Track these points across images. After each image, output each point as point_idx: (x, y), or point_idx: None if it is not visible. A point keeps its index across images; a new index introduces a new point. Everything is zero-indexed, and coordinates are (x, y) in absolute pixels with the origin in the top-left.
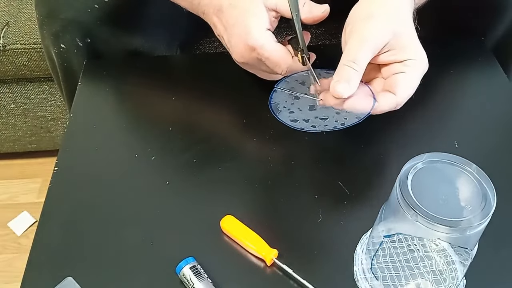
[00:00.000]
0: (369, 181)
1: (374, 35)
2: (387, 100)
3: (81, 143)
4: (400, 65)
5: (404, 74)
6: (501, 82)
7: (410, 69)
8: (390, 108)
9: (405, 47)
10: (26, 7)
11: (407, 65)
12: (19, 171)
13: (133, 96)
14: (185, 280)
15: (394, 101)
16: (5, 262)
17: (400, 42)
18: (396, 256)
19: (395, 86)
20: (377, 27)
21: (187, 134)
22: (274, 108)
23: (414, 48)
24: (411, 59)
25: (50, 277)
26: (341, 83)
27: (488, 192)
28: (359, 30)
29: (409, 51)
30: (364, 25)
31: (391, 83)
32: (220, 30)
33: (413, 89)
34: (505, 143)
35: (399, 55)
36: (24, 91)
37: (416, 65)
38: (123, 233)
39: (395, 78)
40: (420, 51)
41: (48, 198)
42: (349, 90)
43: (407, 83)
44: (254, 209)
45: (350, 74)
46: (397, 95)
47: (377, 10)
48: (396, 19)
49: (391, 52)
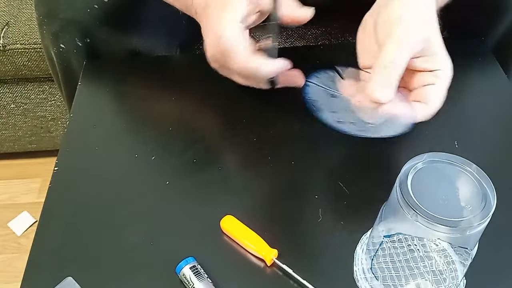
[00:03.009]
0: (369, 181)
1: (413, 41)
2: (422, 110)
3: (81, 143)
4: (430, 75)
5: (434, 86)
6: (501, 82)
7: (439, 81)
8: (423, 118)
9: (436, 54)
10: (26, 7)
11: (437, 76)
12: (19, 171)
13: (133, 96)
14: (185, 280)
15: (428, 112)
16: (5, 262)
17: (432, 49)
18: (396, 256)
19: (427, 97)
20: (413, 30)
21: (187, 134)
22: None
23: (443, 57)
24: (441, 69)
25: (50, 277)
26: (381, 88)
27: (488, 192)
28: (398, 33)
29: (439, 60)
30: (401, 26)
31: (423, 94)
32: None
33: (442, 100)
34: (505, 143)
35: (430, 63)
36: (24, 91)
37: (445, 76)
38: (123, 233)
39: (427, 89)
40: (447, 60)
41: (48, 198)
42: (389, 95)
43: (437, 94)
44: (254, 209)
45: (390, 77)
46: (429, 105)
47: (410, 11)
48: (428, 23)
49: (424, 59)
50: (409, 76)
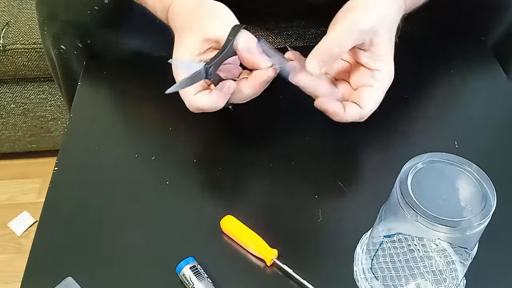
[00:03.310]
0: (369, 181)
1: (362, 25)
2: (353, 111)
3: (81, 143)
4: (369, 77)
5: (371, 88)
6: (501, 82)
7: (377, 84)
8: (354, 119)
9: (381, 55)
10: (26, 7)
11: (375, 77)
12: (19, 171)
13: (133, 96)
14: (185, 280)
15: (359, 114)
16: (5, 262)
17: (379, 48)
18: (396, 256)
19: (361, 98)
20: (368, 18)
21: (187, 134)
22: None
23: (387, 60)
24: (381, 70)
25: (50, 277)
26: (315, 60)
27: (488, 192)
28: (350, 15)
29: (382, 62)
30: (355, 14)
31: (358, 95)
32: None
33: (377, 103)
34: (505, 143)
35: (372, 61)
36: (24, 91)
37: (384, 78)
38: (123, 233)
39: (362, 91)
40: (391, 64)
41: (48, 198)
42: (318, 70)
43: (372, 97)
44: (254, 209)
45: (327, 54)
46: (362, 108)
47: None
48: (383, 20)
49: (367, 54)
50: (354, 71)
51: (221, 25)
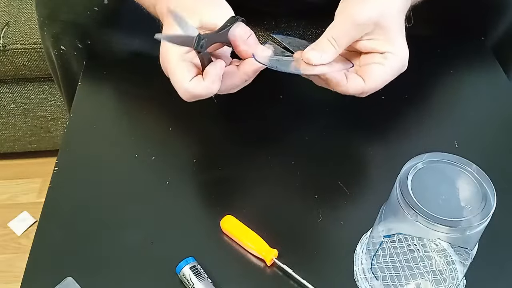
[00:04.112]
0: (369, 181)
1: (360, 18)
2: (355, 83)
3: (81, 143)
4: (379, 56)
5: (380, 66)
6: (501, 82)
7: (387, 62)
8: (355, 93)
9: (390, 39)
10: (26, 7)
11: (386, 57)
12: (19, 171)
13: (133, 96)
14: (185, 280)
15: (361, 88)
16: (5, 262)
17: (385, 33)
18: (396, 256)
19: (367, 73)
20: (366, 12)
21: (187, 134)
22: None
23: (399, 44)
24: (392, 52)
25: (50, 277)
26: (314, 51)
27: (488, 192)
28: (348, 10)
29: (391, 45)
30: (354, 6)
31: (365, 70)
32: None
33: (383, 83)
34: (505, 143)
35: (380, 46)
36: (24, 91)
37: (395, 60)
38: (123, 233)
39: (370, 66)
40: (404, 48)
41: (48, 198)
42: (319, 60)
43: (380, 74)
44: (254, 209)
45: (327, 48)
46: (366, 83)
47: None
48: (385, 8)
49: (373, 41)
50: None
51: (218, 13)
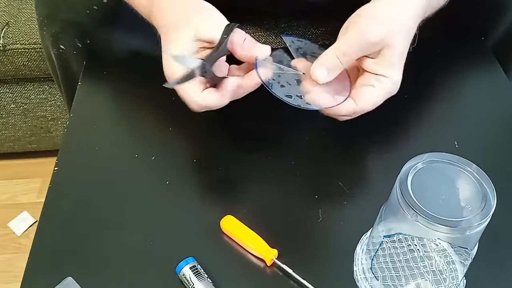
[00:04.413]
0: (369, 181)
1: (371, 36)
2: (347, 105)
3: (81, 143)
4: (373, 78)
5: (372, 88)
6: (501, 82)
7: (379, 85)
8: (346, 113)
9: (389, 62)
10: (26, 7)
11: (379, 80)
12: (19, 171)
13: (133, 96)
14: (185, 280)
15: (353, 109)
16: (5, 262)
17: (390, 55)
18: (396, 256)
19: (360, 96)
20: (377, 30)
21: (187, 134)
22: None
23: (394, 68)
24: (387, 77)
25: (50, 277)
26: (321, 69)
27: (488, 192)
28: (361, 27)
29: (389, 69)
30: (367, 23)
31: (359, 92)
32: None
33: (374, 106)
34: (505, 143)
35: (379, 68)
36: (24, 91)
37: (387, 84)
38: (123, 233)
39: (362, 89)
40: (398, 74)
41: (48, 198)
42: (326, 78)
43: (371, 97)
44: (254, 209)
45: (333, 64)
46: (357, 104)
47: (382, 13)
48: (395, 29)
49: (376, 61)
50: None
51: (213, 22)
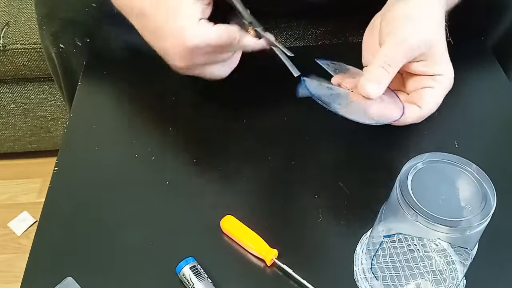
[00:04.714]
0: (369, 181)
1: (413, 41)
2: (413, 112)
3: (81, 143)
4: (429, 79)
5: (432, 90)
6: (501, 82)
7: (438, 85)
8: (413, 121)
9: (438, 60)
10: (26, 7)
11: (436, 80)
12: (19, 171)
13: (133, 96)
14: (185, 280)
15: (419, 115)
16: (5, 262)
17: (434, 53)
18: (396, 256)
19: (422, 100)
20: (417, 34)
21: (187, 134)
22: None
23: (445, 63)
24: (441, 74)
25: (50, 277)
26: (371, 83)
27: (488, 192)
28: (399, 33)
29: (440, 66)
30: (405, 29)
31: (419, 96)
32: (149, 36)
33: (437, 105)
34: (505, 143)
35: (430, 68)
36: (24, 91)
37: (444, 81)
38: (123, 233)
39: (423, 92)
40: (450, 67)
41: (48, 198)
42: (378, 91)
43: (434, 98)
44: (254, 209)
45: (381, 76)
46: (422, 108)
47: (416, 12)
48: (433, 27)
49: (424, 63)
50: (408, 79)
51: None
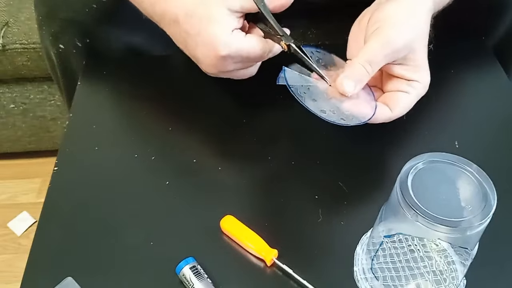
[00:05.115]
0: (369, 181)
1: (397, 43)
2: (383, 114)
3: (81, 143)
4: (405, 84)
5: (406, 95)
6: (501, 82)
7: (413, 91)
8: (382, 121)
9: (418, 65)
10: (26, 7)
11: (412, 86)
12: (19, 171)
13: (133, 96)
14: (185, 280)
15: (388, 116)
16: (5, 262)
17: (415, 58)
18: (396, 256)
19: (394, 102)
20: (402, 36)
21: (187, 134)
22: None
23: (424, 70)
24: (418, 81)
25: (50, 277)
26: (349, 81)
27: (489, 192)
28: (384, 33)
29: (419, 72)
30: (388, 27)
31: (392, 98)
32: (180, 42)
33: (407, 110)
34: (505, 143)
35: (409, 73)
36: (24, 91)
37: (420, 89)
38: (123, 233)
39: (397, 95)
40: (427, 75)
41: (48, 198)
42: (354, 90)
43: (406, 103)
44: (254, 209)
45: (361, 74)
46: (393, 111)
47: (403, 15)
48: (418, 31)
49: (404, 67)
50: (385, 79)
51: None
